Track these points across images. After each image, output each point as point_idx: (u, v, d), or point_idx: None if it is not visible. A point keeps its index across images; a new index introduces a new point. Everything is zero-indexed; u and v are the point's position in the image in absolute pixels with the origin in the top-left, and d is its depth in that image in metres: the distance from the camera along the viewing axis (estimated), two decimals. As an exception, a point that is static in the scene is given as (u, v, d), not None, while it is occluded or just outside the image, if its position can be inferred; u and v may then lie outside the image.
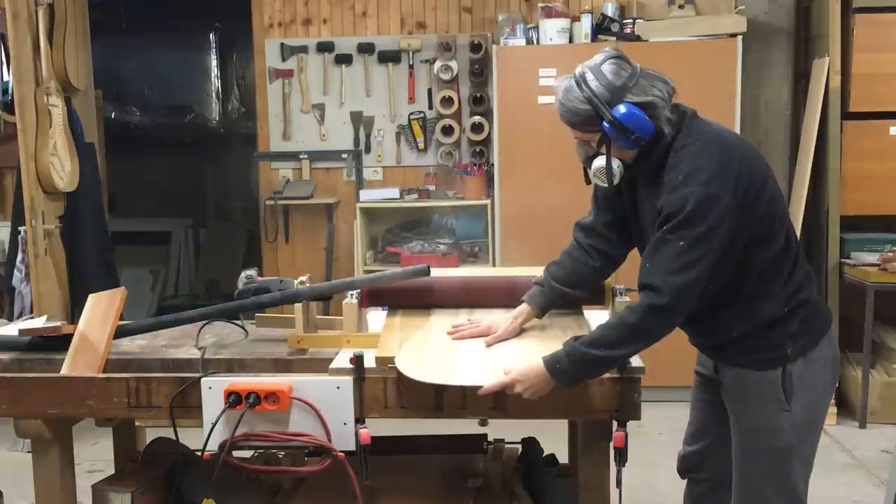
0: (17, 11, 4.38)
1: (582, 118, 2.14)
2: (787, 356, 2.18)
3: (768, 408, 2.19)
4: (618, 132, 2.09)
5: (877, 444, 4.36)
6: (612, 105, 2.09)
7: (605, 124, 2.10)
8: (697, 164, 2.08)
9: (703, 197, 2.04)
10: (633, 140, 2.10)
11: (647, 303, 2.05)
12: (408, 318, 2.45)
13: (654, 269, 2.07)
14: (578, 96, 2.13)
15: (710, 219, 2.03)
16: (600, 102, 2.10)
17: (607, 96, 2.10)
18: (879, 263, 4.57)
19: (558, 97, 2.19)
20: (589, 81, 2.13)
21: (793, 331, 2.18)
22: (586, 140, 2.20)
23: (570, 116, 2.16)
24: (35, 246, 4.44)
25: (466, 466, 2.68)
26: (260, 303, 2.53)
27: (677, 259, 2.04)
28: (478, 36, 5.40)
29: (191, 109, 8.31)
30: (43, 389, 2.26)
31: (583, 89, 2.13)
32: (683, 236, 2.04)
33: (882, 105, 4.79)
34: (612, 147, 2.14)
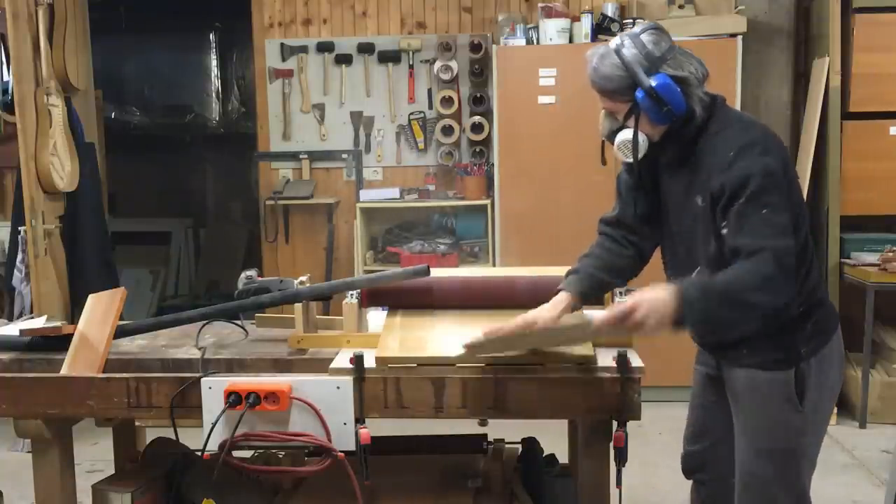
0: (17, 11, 4.38)
1: (615, 85, 2.12)
2: (801, 356, 2.16)
3: (781, 408, 2.17)
4: (651, 102, 2.08)
5: (877, 444, 4.36)
6: (647, 74, 2.07)
7: (638, 93, 2.08)
8: (747, 139, 2.08)
9: (764, 167, 2.02)
10: (664, 113, 2.08)
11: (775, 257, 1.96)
12: (408, 318, 2.45)
13: (753, 237, 1.99)
14: (615, 62, 2.11)
15: (778, 187, 2.03)
16: (636, 70, 2.08)
17: (645, 65, 2.08)
18: (879, 263, 4.57)
19: (592, 63, 2.16)
20: (626, 48, 2.10)
21: (807, 332, 2.18)
22: (614, 111, 2.18)
23: (602, 83, 2.14)
24: (35, 246, 4.44)
25: (466, 466, 2.68)
26: (260, 303, 2.53)
27: (768, 225, 1.99)
28: (478, 36, 5.40)
29: (191, 109, 8.31)
30: (43, 389, 2.26)
31: (620, 56, 2.10)
32: (764, 204, 2.00)
33: (882, 105, 4.79)
34: (641, 120, 2.12)
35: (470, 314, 2.47)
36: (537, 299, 2.50)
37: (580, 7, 5.26)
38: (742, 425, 2.26)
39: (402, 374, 2.16)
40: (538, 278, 2.64)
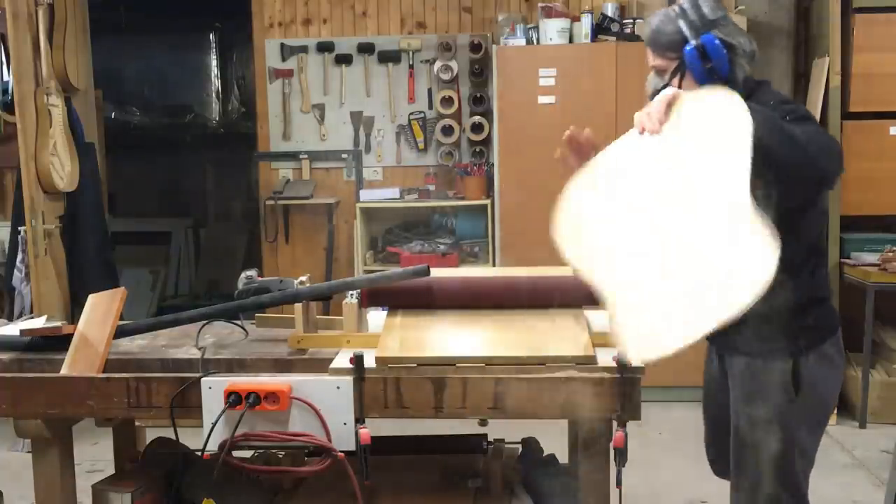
0: (17, 11, 4.38)
1: (666, 39, 2.25)
2: (800, 349, 2.23)
3: (777, 398, 2.23)
4: (697, 57, 2.19)
5: (877, 444, 4.36)
6: (699, 33, 2.21)
7: (686, 48, 2.21)
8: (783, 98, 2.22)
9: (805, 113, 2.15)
10: (707, 70, 2.19)
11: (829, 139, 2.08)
12: (408, 318, 2.45)
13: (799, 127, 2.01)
14: (670, 17, 2.26)
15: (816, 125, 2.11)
16: (689, 27, 2.21)
17: (697, 25, 2.22)
18: (879, 263, 4.57)
19: (650, 21, 2.31)
20: (685, 7, 2.25)
21: (808, 324, 2.24)
22: (662, 69, 2.29)
23: (655, 36, 2.27)
24: (35, 246, 4.44)
25: (466, 466, 2.68)
26: (260, 303, 2.53)
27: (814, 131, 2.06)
28: (478, 36, 5.41)
29: (191, 109, 8.31)
30: (43, 389, 2.26)
31: (676, 14, 2.25)
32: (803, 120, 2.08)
33: (882, 105, 4.79)
34: (686, 78, 2.24)
35: (470, 314, 2.48)
36: (537, 299, 2.51)
37: (580, 7, 5.27)
38: (739, 412, 2.31)
39: (402, 374, 2.15)
40: (538, 278, 2.65)
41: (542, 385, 2.13)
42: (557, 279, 2.64)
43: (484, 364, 2.17)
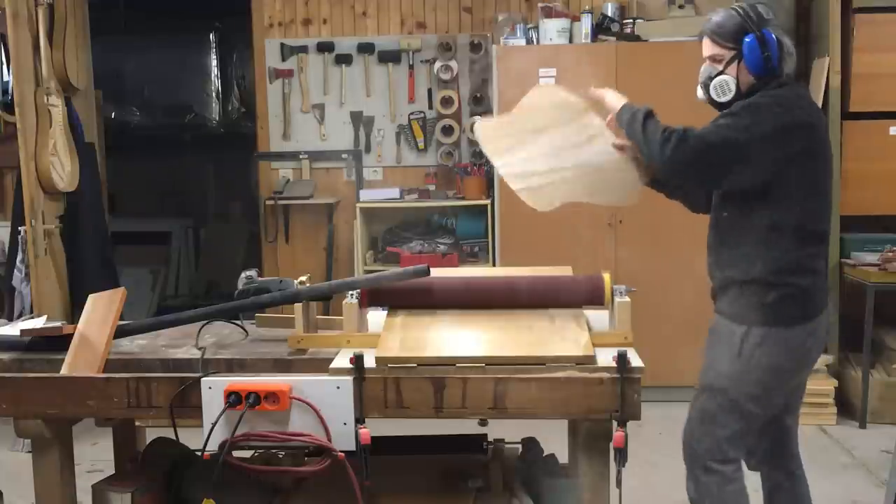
0: (17, 11, 4.38)
1: (727, 30, 2.49)
2: (753, 320, 2.47)
3: (724, 353, 2.51)
4: (757, 46, 2.45)
5: (877, 444, 4.36)
6: (758, 27, 2.47)
7: (747, 37, 2.45)
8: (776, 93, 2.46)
9: (756, 106, 2.41)
10: (764, 59, 2.45)
11: (673, 132, 2.43)
12: (408, 318, 2.46)
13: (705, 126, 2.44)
14: (731, 14, 2.51)
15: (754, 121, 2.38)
16: (749, 21, 2.48)
17: (755, 20, 2.48)
18: (879, 263, 4.57)
19: (712, 16, 2.56)
20: (745, 7, 2.52)
21: (767, 302, 2.46)
22: (717, 58, 2.52)
23: (715, 28, 2.52)
24: (35, 246, 4.44)
25: (466, 466, 2.68)
26: (260, 303, 2.53)
27: (713, 125, 2.43)
28: (478, 36, 5.41)
29: (191, 109, 8.30)
30: (43, 389, 2.26)
31: (737, 11, 2.51)
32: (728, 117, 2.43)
33: (882, 105, 4.79)
34: (739, 68, 2.49)
35: (470, 314, 2.48)
36: (537, 299, 2.51)
37: (580, 7, 5.26)
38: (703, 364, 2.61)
39: (402, 374, 2.16)
40: (538, 278, 2.65)
41: (542, 385, 2.14)
42: (557, 279, 2.64)
43: (484, 364, 2.18)
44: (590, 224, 4.87)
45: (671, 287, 4.93)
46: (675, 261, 4.95)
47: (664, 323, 4.85)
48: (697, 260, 5.21)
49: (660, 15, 5.01)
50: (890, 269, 4.48)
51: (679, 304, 4.94)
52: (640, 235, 4.95)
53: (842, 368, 4.88)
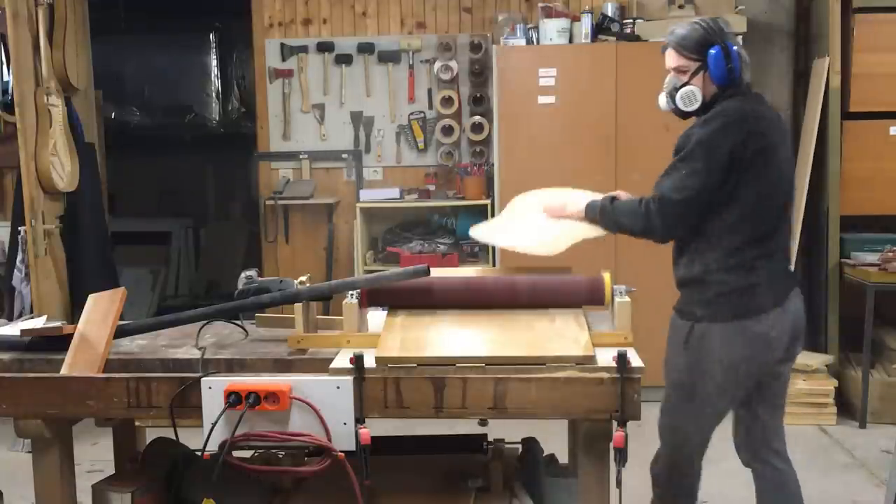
0: (17, 11, 4.38)
1: (692, 42, 2.62)
2: (696, 316, 2.61)
3: (673, 348, 2.69)
4: (721, 57, 2.57)
5: (877, 444, 4.36)
6: (721, 39, 2.60)
7: (712, 49, 2.58)
8: (725, 113, 2.56)
9: (711, 139, 2.52)
10: (727, 70, 2.58)
11: (648, 203, 2.57)
12: (408, 318, 2.46)
13: (660, 187, 2.58)
14: (695, 27, 2.64)
15: (711, 157, 2.51)
16: (712, 34, 2.60)
17: (718, 33, 2.61)
18: (879, 263, 4.57)
19: (675, 29, 2.69)
20: (707, 21, 2.67)
21: (707, 298, 2.59)
22: (683, 70, 2.65)
23: (680, 40, 2.64)
24: (35, 246, 4.44)
25: (466, 466, 2.68)
26: (260, 303, 2.53)
27: (681, 181, 2.53)
28: (478, 36, 5.40)
29: (191, 109, 8.30)
30: (43, 389, 2.26)
31: (699, 24, 2.65)
32: (688, 165, 2.53)
33: (882, 105, 4.79)
34: (703, 78, 2.61)
35: (470, 314, 2.48)
36: (537, 299, 2.51)
37: (580, 7, 5.26)
38: None
39: (402, 374, 2.16)
40: (538, 278, 2.65)
41: (542, 385, 2.14)
42: (557, 279, 2.64)
43: (484, 364, 2.18)
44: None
45: (671, 287, 4.92)
46: (675, 261, 4.95)
47: (664, 323, 4.84)
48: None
49: (660, 15, 5.01)
50: (890, 269, 4.48)
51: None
52: (640, 235, 4.95)
53: (842, 368, 4.88)
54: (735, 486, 3.87)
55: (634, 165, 4.89)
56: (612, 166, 4.88)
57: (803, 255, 5.10)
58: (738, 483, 3.90)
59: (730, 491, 3.81)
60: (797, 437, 4.48)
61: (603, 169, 4.85)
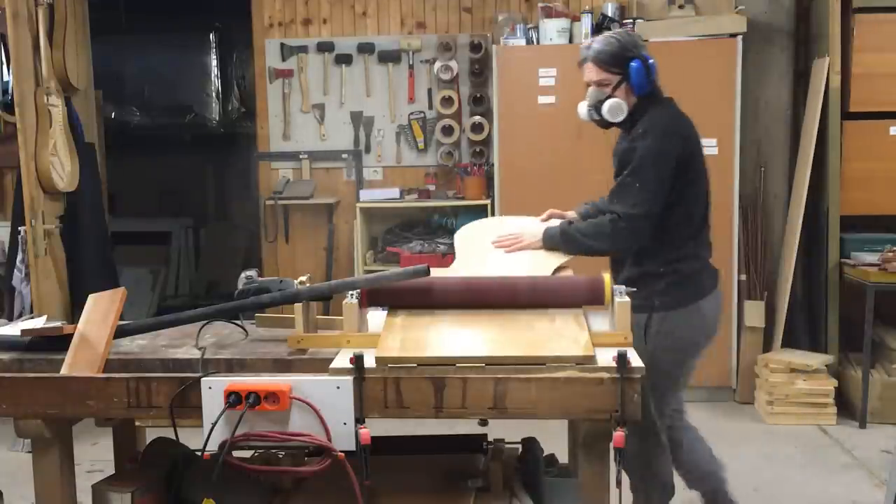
0: (17, 11, 4.38)
1: (613, 56, 2.82)
2: (653, 307, 2.80)
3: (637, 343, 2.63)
4: (642, 70, 2.79)
5: (877, 444, 4.36)
6: (637, 53, 2.82)
7: (634, 62, 2.80)
8: (659, 123, 2.81)
9: (656, 150, 2.76)
10: (647, 82, 2.81)
11: (613, 221, 2.76)
12: (408, 318, 2.45)
13: (620, 202, 2.78)
14: (611, 41, 2.84)
15: (660, 167, 2.76)
16: (629, 48, 2.82)
17: (633, 47, 2.84)
18: (879, 263, 4.57)
19: (591, 44, 2.87)
20: (620, 34, 2.91)
21: (661, 289, 2.82)
22: (605, 84, 2.85)
23: (600, 55, 2.84)
24: (35, 246, 4.44)
25: (466, 466, 2.68)
26: (260, 303, 2.53)
27: (637, 195, 2.75)
28: (478, 36, 5.41)
29: (191, 109, 8.30)
30: (43, 389, 2.26)
31: (615, 38, 2.87)
32: (639, 179, 2.76)
33: (882, 105, 4.80)
34: (625, 90, 2.83)
35: (470, 314, 2.48)
36: (537, 299, 2.51)
37: (580, 7, 5.27)
38: None
39: (402, 374, 2.15)
40: (538, 278, 2.65)
41: (542, 385, 2.13)
42: (557, 279, 2.64)
43: (484, 364, 2.18)
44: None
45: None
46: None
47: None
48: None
49: (660, 15, 5.02)
50: (890, 269, 4.48)
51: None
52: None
53: (842, 368, 4.88)
54: (735, 485, 3.87)
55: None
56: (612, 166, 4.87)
57: (803, 255, 5.10)
58: (737, 483, 3.91)
59: (730, 491, 3.81)
60: (797, 437, 4.48)
61: (603, 169, 4.83)
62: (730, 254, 4.97)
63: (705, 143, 5.13)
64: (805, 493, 3.81)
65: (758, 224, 5.19)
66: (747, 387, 5.01)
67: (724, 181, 4.89)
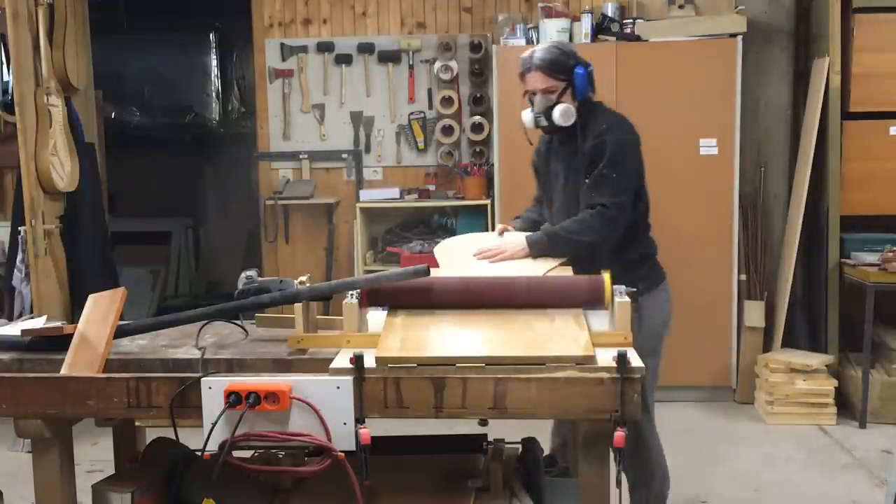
0: (17, 11, 4.38)
1: (558, 65, 3.00)
2: (639, 291, 2.78)
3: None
4: (585, 76, 3.00)
5: (877, 444, 4.36)
6: (578, 61, 3.03)
7: (578, 69, 3.00)
8: (615, 120, 3.07)
9: (626, 142, 3.00)
10: (589, 89, 3.04)
11: (601, 213, 2.92)
12: (408, 318, 2.45)
13: (602, 194, 2.94)
14: (554, 51, 3.03)
15: (631, 157, 3.01)
16: (571, 57, 3.03)
17: (574, 55, 3.05)
18: (879, 263, 4.57)
19: (536, 53, 3.01)
20: (562, 44, 3.18)
21: (643, 274, 3.05)
22: (551, 91, 3.01)
23: (547, 64, 2.99)
24: (35, 246, 4.44)
25: (466, 466, 2.68)
26: (260, 303, 2.53)
27: (616, 185, 2.95)
28: (478, 36, 5.41)
29: (191, 109, 8.30)
30: (43, 389, 2.26)
31: (558, 48, 3.06)
32: (616, 170, 2.95)
33: (882, 105, 4.80)
34: (569, 95, 3.01)
35: (470, 314, 2.48)
36: (537, 299, 2.51)
37: (580, 7, 5.27)
38: None
39: (402, 374, 2.15)
40: (538, 278, 2.65)
41: (542, 385, 2.13)
42: (557, 279, 2.64)
43: (484, 364, 2.18)
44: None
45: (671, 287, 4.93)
46: (674, 261, 4.94)
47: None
48: (696, 260, 5.23)
49: (660, 15, 5.01)
50: (890, 269, 4.48)
51: (678, 304, 4.94)
52: (640, 235, 4.96)
53: (842, 368, 4.88)
54: (735, 486, 3.88)
55: (634, 165, 4.90)
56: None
57: (803, 255, 5.10)
58: (737, 483, 3.91)
59: (730, 491, 3.81)
60: (797, 437, 4.48)
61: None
62: (730, 254, 4.97)
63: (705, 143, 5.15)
64: (805, 493, 3.81)
65: (758, 224, 5.19)
66: (747, 387, 5.01)
67: (724, 181, 4.89)
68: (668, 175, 4.93)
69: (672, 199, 4.94)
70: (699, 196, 4.92)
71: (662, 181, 4.95)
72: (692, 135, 4.84)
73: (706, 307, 4.96)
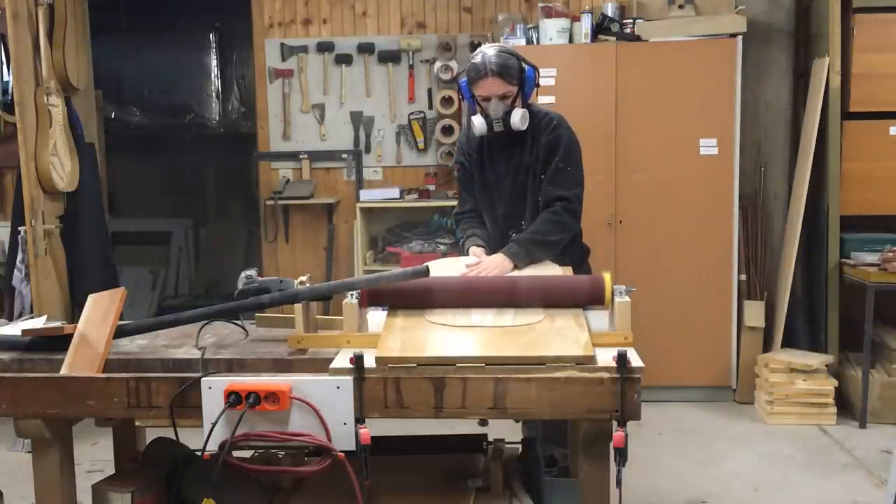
0: (17, 11, 4.38)
1: (513, 69, 3.10)
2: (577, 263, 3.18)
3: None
4: (532, 78, 3.15)
5: (877, 444, 4.36)
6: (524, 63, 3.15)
7: (529, 72, 3.14)
8: (556, 115, 3.24)
9: (572, 135, 3.22)
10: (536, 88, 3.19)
11: (565, 207, 3.11)
12: (408, 318, 2.46)
13: (562, 187, 3.13)
14: (509, 55, 3.13)
15: (578, 150, 3.23)
16: (521, 59, 3.15)
17: (519, 57, 3.16)
18: (879, 263, 4.57)
19: (491, 59, 3.08)
20: (509, 48, 3.24)
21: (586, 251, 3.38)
22: (508, 95, 3.09)
23: (504, 69, 3.08)
24: (35, 246, 4.44)
25: (466, 466, 2.68)
26: (260, 303, 2.53)
27: (572, 178, 3.16)
28: (478, 36, 5.40)
29: (191, 109, 8.30)
30: (43, 389, 2.26)
31: (507, 51, 3.15)
32: (570, 163, 3.16)
33: (882, 105, 4.80)
34: (520, 97, 3.12)
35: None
36: (537, 299, 2.51)
37: (580, 7, 5.26)
38: None
39: (402, 374, 2.16)
40: (538, 278, 2.65)
41: (542, 385, 2.13)
42: (557, 279, 2.64)
43: (484, 364, 2.18)
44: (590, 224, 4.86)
45: (671, 287, 4.93)
46: (674, 261, 4.95)
47: (664, 323, 4.86)
48: (696, 260, 5.22)
49: (660, 15, 5.01)
50: (890, 269, 4.48)
51: (679, 304, 4.94)
52: (640, 235, 4.96)
53: (842, 368, 4.88)
54: (735, 486, 3.88)
55: (634, 165, 4.90)
56: (612, 166, 4.89)
57: (803, 255, 5.10)
58: (738, 483, 3.91)
59: (730, 491, 3.81)
60: (797, 437, 4.48)
61: (603, 169, 4.86)
62: (730, 254, 4.97)
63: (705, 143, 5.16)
64: (805, 494, 3.81)
65: (758, 224, 5.19)
66: (747, 387, 5.01)
67: (724, 181, 4.89)
68: (668, 175, 4.93)
69: (672, 199, 4.94)
70: (699, 196, 4.92)
71: (662, 181, 4.97)
72: (692, 135, 4.84)
73: (706, 307, 4.97)
